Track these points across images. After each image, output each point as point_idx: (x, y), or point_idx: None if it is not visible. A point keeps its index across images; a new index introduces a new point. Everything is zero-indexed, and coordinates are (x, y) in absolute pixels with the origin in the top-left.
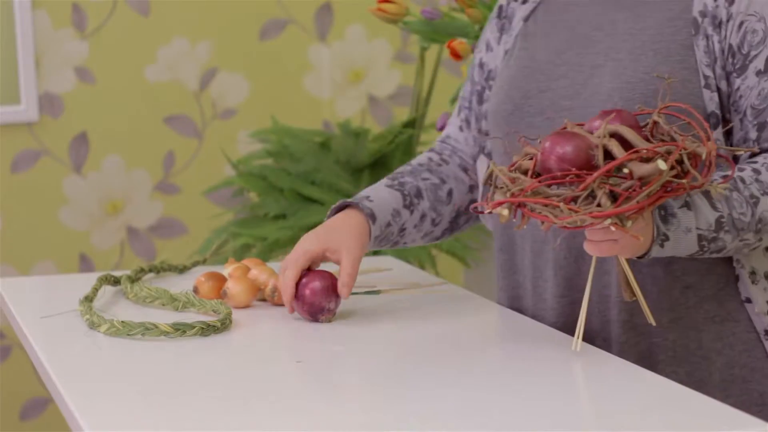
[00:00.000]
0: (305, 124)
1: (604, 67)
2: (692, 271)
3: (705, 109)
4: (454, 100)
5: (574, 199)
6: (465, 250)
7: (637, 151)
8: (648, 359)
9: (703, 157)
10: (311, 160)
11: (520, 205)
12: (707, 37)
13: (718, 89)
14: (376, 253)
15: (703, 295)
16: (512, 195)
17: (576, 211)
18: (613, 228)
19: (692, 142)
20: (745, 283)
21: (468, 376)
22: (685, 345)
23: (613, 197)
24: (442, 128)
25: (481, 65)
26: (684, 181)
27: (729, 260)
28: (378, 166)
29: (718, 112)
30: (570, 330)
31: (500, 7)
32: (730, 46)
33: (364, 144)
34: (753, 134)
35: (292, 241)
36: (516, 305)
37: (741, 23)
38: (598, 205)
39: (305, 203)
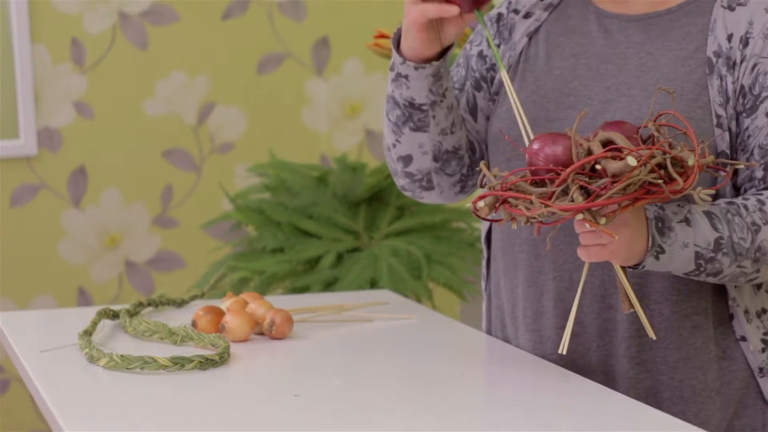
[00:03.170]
0: (302, 157)
1: (616, 103)
2: (701, 311)
3: (716, 148)
4: None
5: (552, 197)
6: (461, 284)
7: (612, 150)
8: (654, 397)
9: (690, 163)
10: (308, 194)
11: (504, 201)
12: (721, 77)
13: (729, 129)
14: (373, 286)
15: (708, 335)
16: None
17: (548, 205)
18: (588, 225)
19: (679, 147)
20: (741, 322)
21: (467, 410)
22: (692, 386)
23: (588, 194)
24: None
25: (482, 56)
26: (660, 181)
27: (725, 298)
28: (375, 201)
29: (728, 151)
30: (567, 363)
31: (499, 15)
32: (742, 86)
33: (362, 178)
34: (759, 173)
35: (290, 274)
36: (502, 334)
37: (754, 65)
38: (572, 200)
39: (303, 237)
